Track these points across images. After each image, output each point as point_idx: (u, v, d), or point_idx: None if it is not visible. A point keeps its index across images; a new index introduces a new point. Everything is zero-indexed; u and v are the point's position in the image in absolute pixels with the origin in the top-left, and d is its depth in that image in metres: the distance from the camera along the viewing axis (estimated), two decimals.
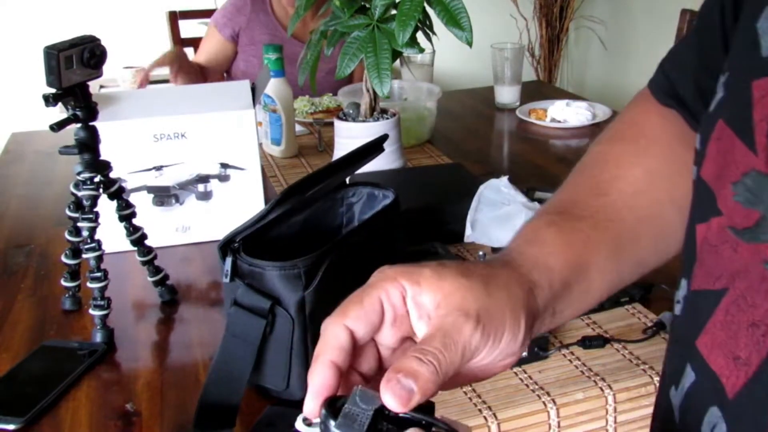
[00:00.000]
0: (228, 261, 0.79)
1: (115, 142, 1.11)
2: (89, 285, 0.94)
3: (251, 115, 1.18)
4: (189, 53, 2.59)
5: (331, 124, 1.47)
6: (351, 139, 1.33)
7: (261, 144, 1.66)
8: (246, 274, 0.79)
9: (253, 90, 1.25)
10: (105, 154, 0.96)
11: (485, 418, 0.80)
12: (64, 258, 1.01)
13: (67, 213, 0.97)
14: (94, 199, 0.94)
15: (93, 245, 0.93)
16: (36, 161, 1.69)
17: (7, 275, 1.15)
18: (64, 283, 1.02)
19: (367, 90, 1.35)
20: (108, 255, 0.96)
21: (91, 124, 0.94)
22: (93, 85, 0.96)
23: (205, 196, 1.21)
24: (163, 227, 1.20)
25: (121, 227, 1.00)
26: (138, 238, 1.02)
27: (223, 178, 1.20)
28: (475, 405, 0.81)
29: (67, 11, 3.19)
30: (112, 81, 2.83)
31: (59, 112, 1.25)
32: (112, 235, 0.99)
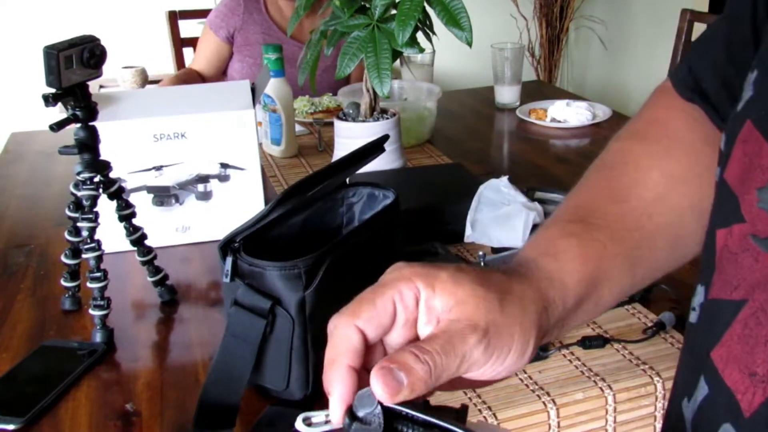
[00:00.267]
0: (228, 261, 0.79)
1: (115, 142, 1.11)
2: (89, 285, 0.94)
3: (251, 115, 1.18)
4: (188, 53, 2.60)
5: (331, 124, 1.47)
6: (351, 139, 1.33)
7: (261, 144, 1.66)
8: (246, 274, 0.79)
9: (253, 90, 1.25)
10: (105, 154, 0.96)
11: (485, 418, 0.80)
12: (63, 258, 1.01)
13: (67, 213, 0.97)
14: (93, 199, 0.94)
15: (93, 245, 0.93)
16: (36, 161, 1.69)
17: (7, 275, 1.15)
18: (63, 283, 1.02)
19: (367, 90, 1.35)
20: (108, 255, 0.96)
21: (91, 124, 0.94)
22: (93, 85, 0.96)
23: (205, 196, 1.21)
24: (163, 227, 1.20)
25: (121, 227, 1.00)
26: (138, 238, 1.02)
27: (223, 178, 1.20)
28: (475, 405, 0.81)
29: (67, 11, 3.19)
30: (112, 81, 2.84)
31: (59, 112, 1.25)
32: (112, 235, 0.99)
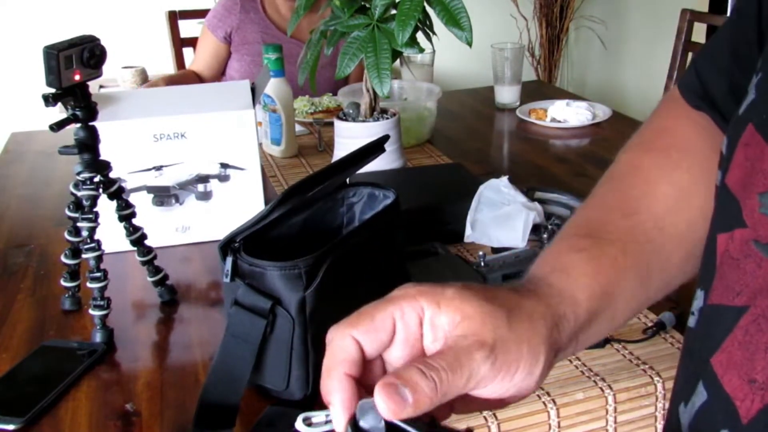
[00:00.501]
0: (228, 261, 0.79)
1: (115, 142, 1.11)
2: (89, 285, 0.94)
3: (251, 115, 1.18)
4: (188, 53, 2.60)
5: (331, 124, 1.47)
6: (351, 139, 1.33)
7: (261, 144, 1.66)
8: (246, 274, 0.79)
9: (253, 90, 1.25)
10: (105, 154, 0.96)
11: (485, 418, 0.80)
12: (63, 258, 1.01)
13: (67, 213, 0.97)
14: (93, 199, 0.94)
15: (93, 245, 0.93)
16: (36, 161, 1.69)
17: (7, 275, 1.15)
18: (63, 283, 1.02)
19: (367, 90, 1.35)
20: (108, 255, 0.96)
21: (91, 124, 0.94)
22: (93, 85, 0.96)
23: (205, 196, 1.21)
24: (163, 227, 1.20)
25: (121, 227, 1.00)
26: (138, 238, 1.02)
27: (223, 178, 1.20)
28: None
29: (67, 11, 3.19)
30: (112, 81, 2.84)
31: (59, 112, 1.25)
32: (111, 235, 0.99)
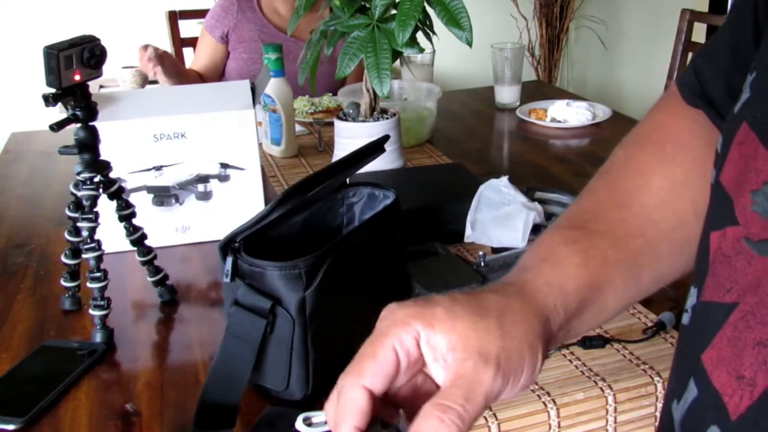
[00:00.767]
0: (228, 261, 0.79)
1: (115, 142, 1.11)
2: (89, 285, 0.94)
3: (251, 115, 1.18)
4: (188, 53, 2.60)
5: (331, 124, 1.47)
6: (351, 139, 1.33)
7: (261, 144, 1.66)
8: (246, 274, 0.79)
9: (253, 90, 1.25)
10: (105, 154, 0.96)
11: (485, 418, 0.80)
12: (63, 258, 1.01)
13: (67, 213, 0.97)
14: (93, 199, 0.94)
15: (93, 245, 0.93)
16: (36, 161, 1.69)
17: (7, 275, 1.15)
18: (63, 283, 1.02)
19: (367, 90, 1.35)
20: (108, 255, 0.96)
21: (91, 124, 0.94)
22: (93, 85, 0.96)
23: (205, 196, 1.21)
24: (163, 227, 1.20)
25: (121, 227, 1.00)
26: (138, 238, 1.02)
27: (223, 178, 1.20)
28: None
29: (67, 11, 3.19)
30: (112, 81, 2.84)
31: (59, 112, 1.25)
32: (112, 235, 0.99)
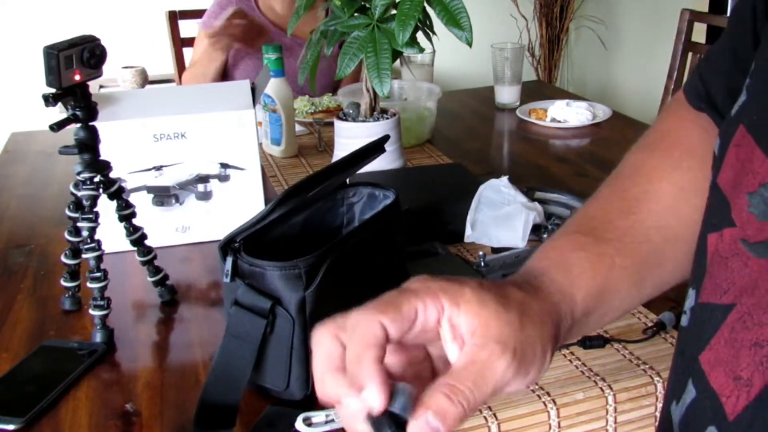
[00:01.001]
0: (229, 261, 0.79)
1: (115, 142, 1.11)
2: (89, 285, 0.94)
3: (251, 115, 1.18)
4: (188, 53, 2.60)
5: (331, 124, 1.47)
6: (351, 139, 1.33)
7: (261, 144, 1.66)
8: (246, 274, 0.79)
9: (253, 90, 1.25)
10: (105, 154, 0.96)
11: (485, 418, 0.80)
12: (63, 258, 1.01)
13: (67, 213, 0.97)
14: (93, 199, 0.94)
15: (93, 245, 0.93)
16: (36, 161, 1.69)
17: (7, 275, 1.15)
18: (63, 283, 1.02)
19: (367, 90, 1.35)
20: (108, 255, 0.96)
21: (91, 124, 0.94)
22: (93, 85, 0.96)
23: (205, 196, 1.21)
24: (163, 227, 1.20)
25: (121, 227, 1.00)
26: (138, 238, 1.02)
27: (223, 178, 1.20)
28: None
29: (67, 11, 3.19)
30: (112, 81, 2.84)
31: (59, 112, 1.25)
32: (112, 235, 0.99)
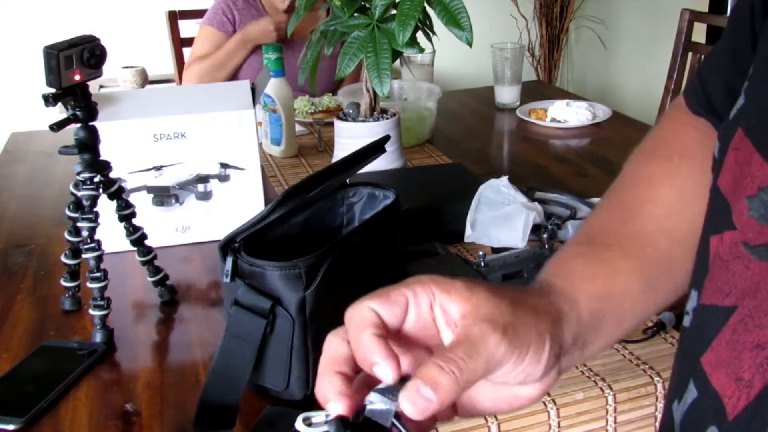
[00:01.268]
0: (229, 261, 0.79)
1: (115, 142, 1.11)
2: (89, 285, 0.94)
3: (251, 115, 1.18)
4: (188, 54, 2.60)
5: (331, 124, 1.47)
6: (351, 139, 1.33)
7: (261, 144, 1.66)
8: (246, 274, 0.79)
9: (253, 90, 1.25)
10: (105, 154, 0.96)
11: (485, 418, 0.79)
12: (63, 258, 1.01)
13: (67, 213, 0.97)
14: (93, 199, 0.94)
15: (93, 245, 0.93)
16: (36, 161, 1.69)
17: (7, 275, 1.15)
18: (63, 283, 1.02)
19: (367, 90, 1.35)
20: (108, 255, 0.96)
21: (91, 124, 0.94)
22: (93, 85, 0.96)
23: (205, 196, 1.21)
24: (163, 227, 1.20)
25: (121, 227, 1.00)
26: (138, 238, 1.02)
27: (223, 178, 1.20)
28: None
29: (67, 11, 3.20)
30: (112, 81, 2.84)
31: (59, 112, 1.25)
32: (112, 235, 0.99)
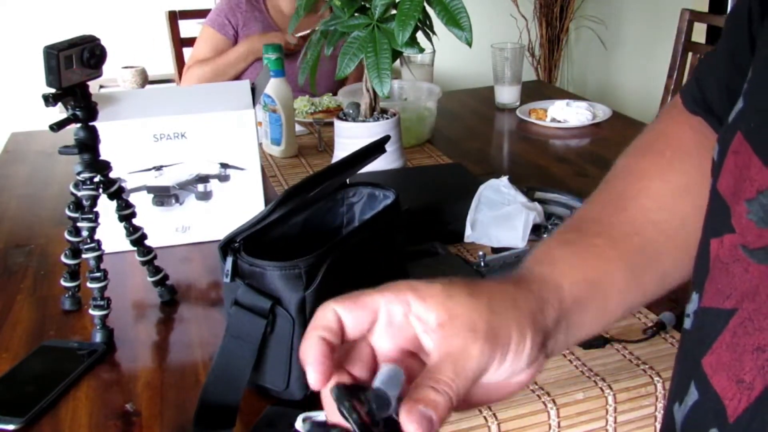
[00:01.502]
0: (229, 261, 0.79)
1: (115, 142, 1.11)
2: (89, 285, 0.94)
3: (251, 115, 1.18)
4: (188, 54, 2.60)
5: (331, 124, 1.47)
6: (351, 139, 1.33)
7: (261, 144, 1.66)
8: (246, 274, 0.79)
9: (253, 90, 1.25)
10: (105, 154, 0.96)
11: (485, 418, 0.80)
12: (63, 258, 1.01)
13: (67, 213, 0.97)
14: (93, 199, 0.94)
15: (93, 245, 0.93)
16: (36, 161, 1.69)
17: (7, 275, 1.15)
18: (63, 283, 1.02)
19: (367, 90, 1.35)
20: (108, 255, 0.96)
21: (91, 124, 0.94)
22: (93, 85, 0.96)
23: (205, 196, 1.21)
24: (163, 227, 1.20)
25: (121, 227, 1.00)
26: (138, 238, 1.02)
27: (223, 178, 1.20)
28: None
29: (67, 11, 3.19)
30: (112, 81, 2.84)
31: (59, 112, 1.25)
32: (112, 235, 0.99)
